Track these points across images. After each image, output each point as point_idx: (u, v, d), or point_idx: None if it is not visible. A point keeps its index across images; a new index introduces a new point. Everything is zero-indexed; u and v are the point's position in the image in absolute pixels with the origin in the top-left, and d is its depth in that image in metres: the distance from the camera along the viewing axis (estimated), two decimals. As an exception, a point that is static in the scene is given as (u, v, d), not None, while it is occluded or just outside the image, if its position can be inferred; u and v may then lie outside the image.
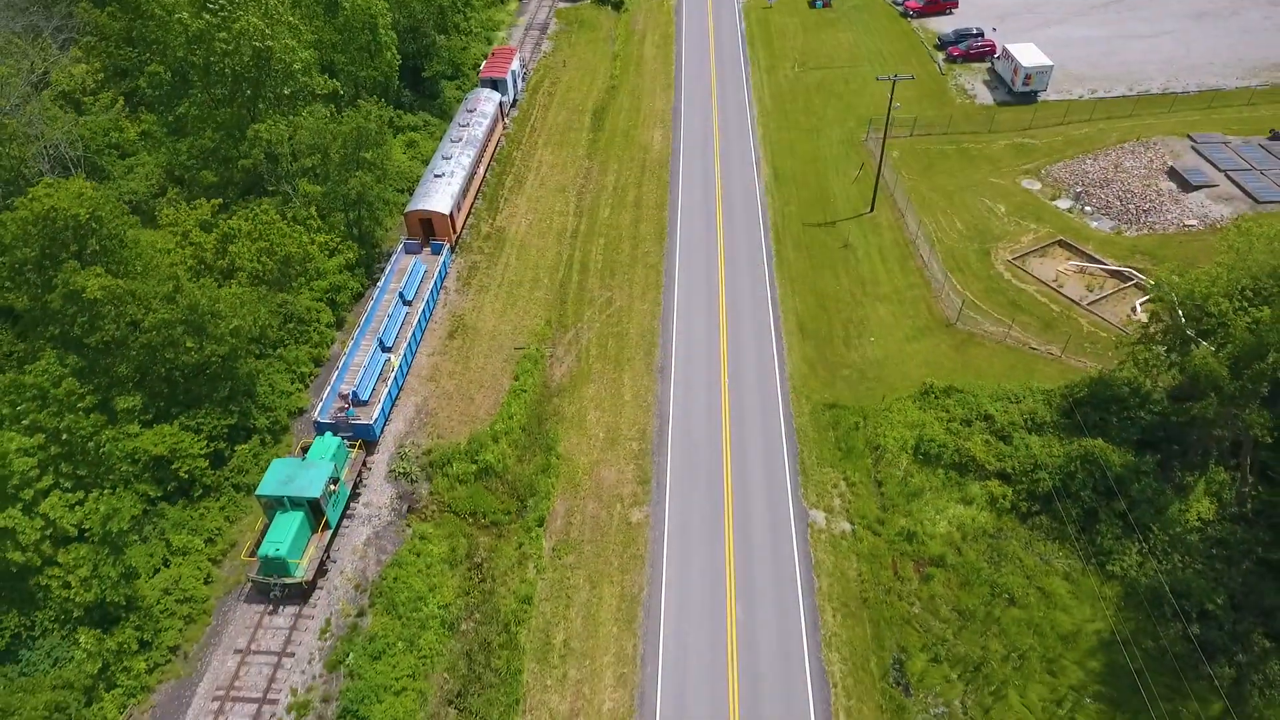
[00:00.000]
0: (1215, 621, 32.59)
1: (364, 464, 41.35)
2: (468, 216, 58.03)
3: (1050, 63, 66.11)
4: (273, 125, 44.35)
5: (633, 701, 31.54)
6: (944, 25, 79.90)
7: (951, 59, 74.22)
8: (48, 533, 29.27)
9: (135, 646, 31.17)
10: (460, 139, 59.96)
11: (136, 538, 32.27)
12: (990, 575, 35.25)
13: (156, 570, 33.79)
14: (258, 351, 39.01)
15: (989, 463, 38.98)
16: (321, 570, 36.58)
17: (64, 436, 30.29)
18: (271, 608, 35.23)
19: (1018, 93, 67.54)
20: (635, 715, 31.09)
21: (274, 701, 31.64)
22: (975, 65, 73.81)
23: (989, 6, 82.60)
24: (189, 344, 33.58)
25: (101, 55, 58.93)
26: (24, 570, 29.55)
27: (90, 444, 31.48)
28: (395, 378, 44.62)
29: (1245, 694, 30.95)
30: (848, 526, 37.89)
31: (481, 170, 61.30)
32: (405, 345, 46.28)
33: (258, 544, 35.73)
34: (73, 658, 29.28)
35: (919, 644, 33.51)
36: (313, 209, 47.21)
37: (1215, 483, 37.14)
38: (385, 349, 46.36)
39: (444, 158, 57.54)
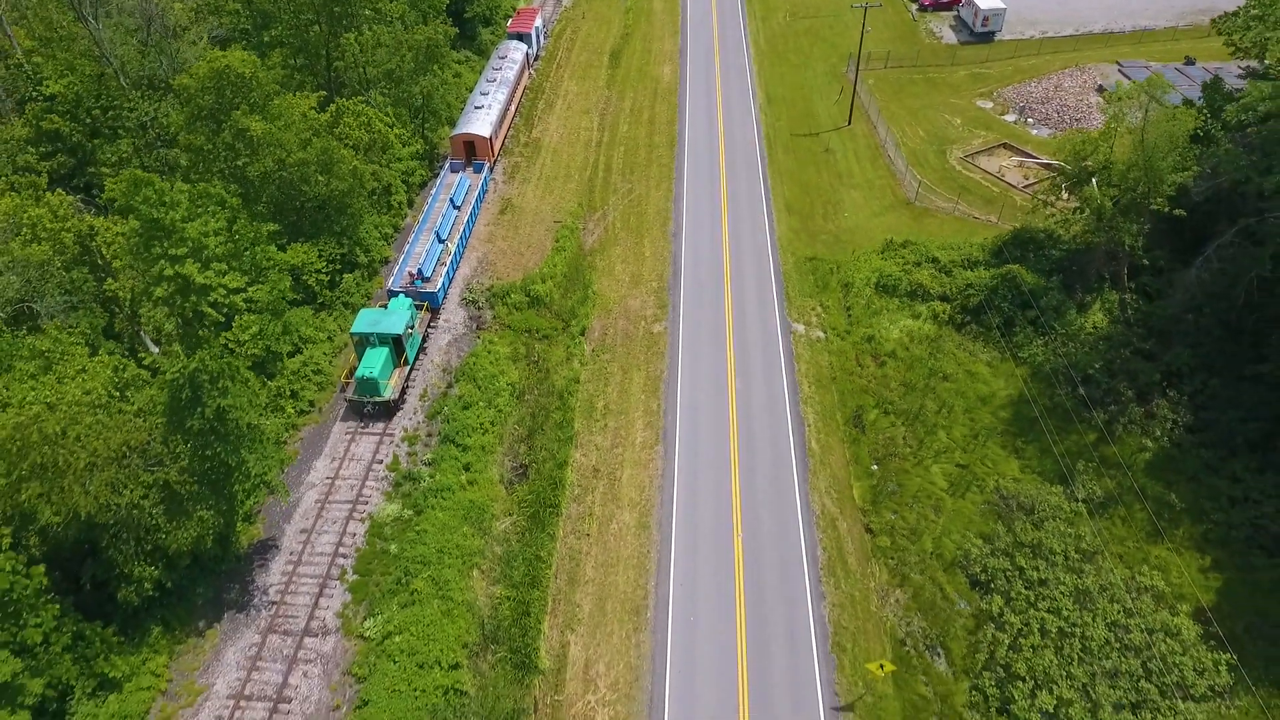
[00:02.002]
0: (1096, 384, 43.17)
1: (429, 324, 51.59)
2: (503, 142, 68.42)
3: (1004, 6, 76.89)
4: (359, 36, 54.82)
5: (658, 436, 42.25)
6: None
7: (923, 9, 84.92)
8: (227, 300, 39.81)
9: (288, 394, 41.80)
10: (494, 80, 70.34)
11: (289, 306, 42.85)
12: (930, 362, 45.95)
13: (292, 353, 44.37)
14: (365, 194, 49.52)
15: (933, 289, 49.71)
16: (401, 398, 46.98)
17: (235, 237, 40.90)
18: (364, 424, 45.55)
19: (977, 33, 78.29)
20: (660, 442, 41.82)
21: (391, 435, 42.43)
22: (943, 14, 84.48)
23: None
24: (319, 178, 44.22)
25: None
26: (208, 327, 40.08)
27: (247, 253, 42.11)
28: (451, 261, 55.00)
29: (1114, 429, 41.53)
30: (821, 334, 48.64)
31: (513, 108, 71.60)
32: (458, 237, 56.37)
33: (352, 371, 46.15)
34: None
35: (872, 403, 44.26)
36: (388, 109, 57.78)
37: (1109, 301, 47.76)
38: (440, 240, 56.81)
39: (481, 94, 67.92)
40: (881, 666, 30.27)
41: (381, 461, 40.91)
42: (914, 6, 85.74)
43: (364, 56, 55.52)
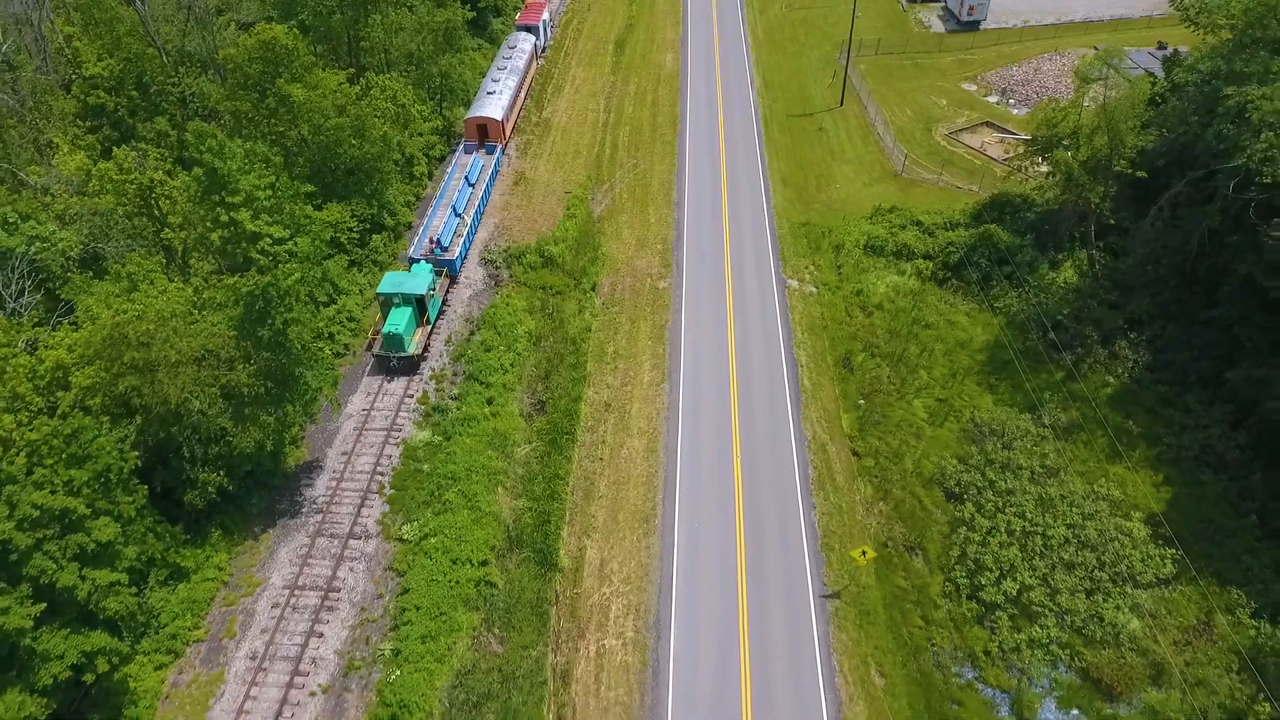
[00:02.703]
0: (1064, 329, 47.15)
1: (448, 289, 55.41)
2: (514, 126, 72.43)
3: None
4: (384, 19, 58.97)
5: (664, 375, 46.21)
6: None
7: (912, 0, 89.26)
8: (273, 248, 43.71)
9: (326, 335, 45.72)
10: (505, 68, 74.32)
11: (328, 257, 46.82)
12: (913, 313, 49.93)
13: (328, 302, 48.31)
14: (393, 159, 53.55)
15: (917, 248, 53.77)
16: (423, 354, 50.84)
17: (277, 191, 44.82)
18: (389, 377, 49.39)
19: (964, 22, 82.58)
20: (665, 381, 45.78)
21: (420, 374, 46.41)
22: (932, 5, 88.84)
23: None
24: (353, 142, 48.27)
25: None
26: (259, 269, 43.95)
27: (286, 209, 46.04)
28: (467, 233, 58.93)
29: (1080, 368, 45.48)
30: (814, 289, 52.66)
31: (523, 94, 75.61)
32: (473, 211, 60.03)
33: (377, 330, 50.01)
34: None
35: (860, 348, 48.24)
36: (409, 89, 61.82)
37: (1078, 259, 51.79)
38: (457, 215, 60.76)
39: (493, 80, 71.92)
40: (864, 553, 34.17)
41: (412, 396, 44.87)
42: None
43: (387, 39, 59.60)
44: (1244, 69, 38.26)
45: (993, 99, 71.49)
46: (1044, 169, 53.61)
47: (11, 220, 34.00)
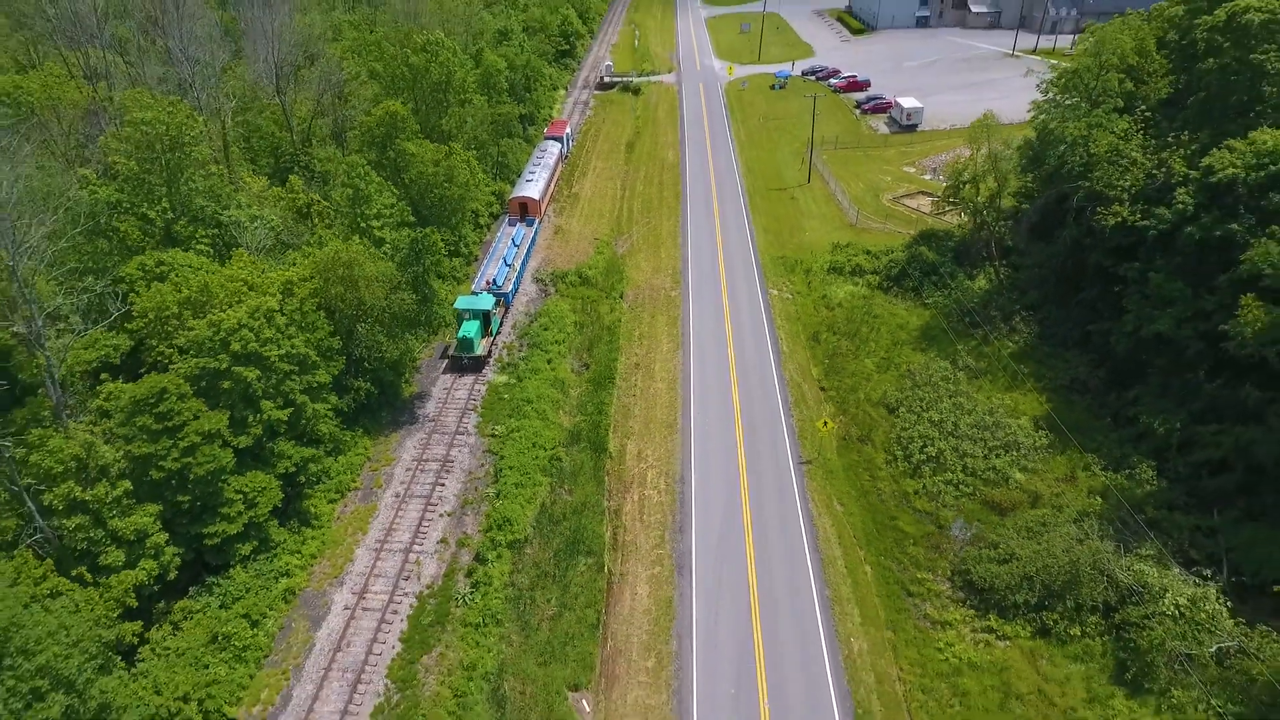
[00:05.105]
0: (977, 314, 63.21)
1: (504, 315, 71.58)
2: (547, 206, 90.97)
3: (922, 105, 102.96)
4: (478, 109, 78.36)
5: (678, 346, 61.57)
6: (860, 96, 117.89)
7: (864, 112, 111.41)
8: (387, 248, 59.83)
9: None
10: (539, 164, 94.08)
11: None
12: (864, 308, 66.07)
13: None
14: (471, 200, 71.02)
15: (867, 267, 70.68)
16: (487, 356, 66.28)
17: (393, 213, 61.62)
18: (461, 372, 64.56)
19: (904, 125, 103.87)
20: (679, 349, 61.10)
21: (495, 345, 61.56)
22: (879, 115, 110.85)
23: (889, 86, 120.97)
24: (444, 183, 65.72)
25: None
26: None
27: (399, 231, 62.71)
28: (515, 277, 75.82)
29: (989, 339, 61.14)
30: (789, 295, 69.00)
31: (553, 183, 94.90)
32: (519, 261, 77.02)
33: (454, 336, 65.70)
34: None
35: (825, 329, 64.00)
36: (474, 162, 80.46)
37: (989, 273, 68.66)
38: (507, 264, 77.95)
39: (530, 172, 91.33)
40: (825, 423, 48.44)
41: (491, 357, 59.95)
42: (857, 110, 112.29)
43: (457, 128, 78.77)
44: (1068, 114, 56.63)
45: (927, 176, 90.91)
46: (961, 215, 71.44)
47: (245, 205, 50.36)
